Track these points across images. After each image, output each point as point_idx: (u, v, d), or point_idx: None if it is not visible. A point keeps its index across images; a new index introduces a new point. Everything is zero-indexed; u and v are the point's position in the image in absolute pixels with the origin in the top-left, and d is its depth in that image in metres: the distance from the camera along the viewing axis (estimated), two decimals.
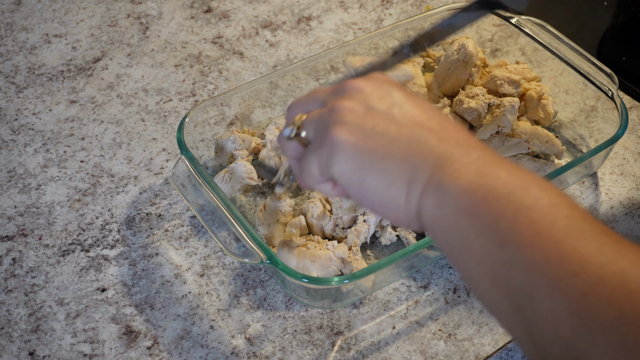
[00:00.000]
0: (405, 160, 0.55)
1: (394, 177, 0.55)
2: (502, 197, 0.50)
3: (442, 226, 0.53)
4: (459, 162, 0.53)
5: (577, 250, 0.46)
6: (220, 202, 0.80)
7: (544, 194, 0.50)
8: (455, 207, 0.52)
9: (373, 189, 0.56)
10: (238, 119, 0.96)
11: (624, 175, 0.94)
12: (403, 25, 1.03)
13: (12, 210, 0.91)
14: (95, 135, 1.00)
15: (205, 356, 0.78)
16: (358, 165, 0.56)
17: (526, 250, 0.47)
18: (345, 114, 0.57)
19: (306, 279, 0.75)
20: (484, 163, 0.53)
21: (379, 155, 0.56)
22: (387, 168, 0.55)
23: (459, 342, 0.79)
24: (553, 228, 0.47)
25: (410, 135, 0.56)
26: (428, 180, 0.54)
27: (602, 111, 0.95)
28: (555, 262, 0.46)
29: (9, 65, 1.10)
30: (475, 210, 0.50)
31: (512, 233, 0.48)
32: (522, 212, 0.49)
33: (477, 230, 0.50)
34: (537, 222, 0.48)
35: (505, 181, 0.51)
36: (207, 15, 1.18)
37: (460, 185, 0.52)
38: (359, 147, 0.56)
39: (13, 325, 0.80)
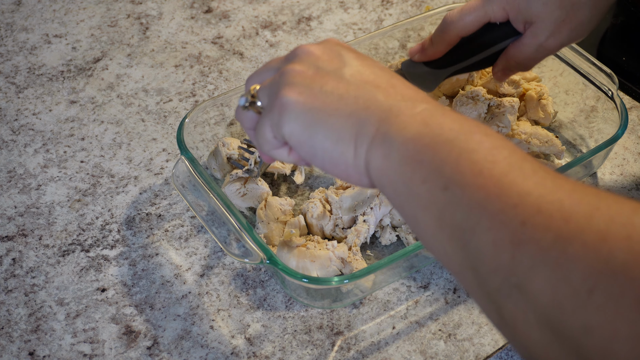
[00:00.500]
0: (352, 115, 0.56)
1: (341, 134, 0.56)
2: (446, 142, 0.51)
3: (389, 176, 0.54)
4: (404, 114, 0.55)
5: (517, 184, 0.48)
6: (220, 202, 0.80)
7: (486, 138, 0.51)
8: (401, 156, 0.53)
9: (322, 147, 0.57)
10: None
11: (624, 175, 0.94)
12: (403, 25, 1.03)
13: (12, 210, 0.91)
14: (95, 136, 1.00)
15: (205, 356, 0.78)
16: (307, 123, 0.57)
17: (468, 190, 0.49)
18: (294, 76, 0.59)
19: (306, 279, 0.75)
20: (430, 114, 0.54)
21: (326, 113, 0.57)
22: (334, 125, 0.56)
23: (459, 342, 0.79)
24: (494, 167, 0.49)
25: (357, 92, 0.57)
26: (375, 133, 0.55)
27: (602, 111, 0.95)
28: (495, 196, 0.47)
29: (9, 66, 1.10)
30: (419, 158, 0.52)
31: (455, 175, 0.50)
32: (465, 155, 0.50)
33: (422, 176, 0.52)
34: (478, 162, 0.50)
35: (449, 128, 0.53)
36: (207, 15, 1.18)
37: (406, 135, 0.53)
38: (307, 106, 0.57)
39: (13, 325, 0.80)
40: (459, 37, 0.84)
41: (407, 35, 1.08)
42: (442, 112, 0.55)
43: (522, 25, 0.82)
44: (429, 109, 0.55)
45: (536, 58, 0.84)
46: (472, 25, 0.83)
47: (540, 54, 0.83)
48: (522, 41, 0.83)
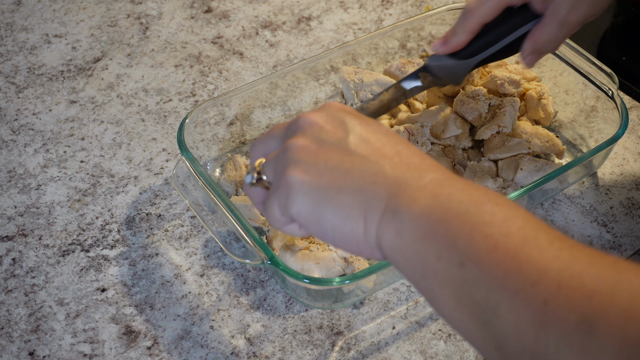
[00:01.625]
0: (359, 191, 0.55)
1: (349, 210, 0.55)
2: (457, 216, 0.50)
3: (403, 253, 0.53)
4: (412, 187, 0.53)
5: (534, 259, 0.47)
6: (221, 202, 0.80)
7: (498, 208, 0.50)
8: (413, 232, 0.52)
9: (331, 225, 0.56)
10: (238, 119, 0.96)
11: (624, 175, 0.94)
12: (403, 25, 1.03)
13: (12, 210, 0.91)
14: (95, 136, 1.00)
15: (205, 356, 0.78)
16: (314, 202, 0.56)
17: (485, 266, 0.48)
18: (297, 153, 0.57)
19: (307, 279, 0.75)
20: (438, 184, 0.53)
21: (334, 190, 0.55)
22: (342, 202, 0.55)
23: (459, 342, 0.79)
24: (508, 241, 0.48)
25: (363, 165, 0.56)
26: (384, 209, 0.54)
27: (602, 111, 0.95)
28: (514, 273, 0.46)
29: (9, 66, 1.10)
30: (432, 234, 0.51)
31: (470, 250, 0.49)
32: (477, 229, 0.49)
33: (436, 252, 0.50)
34: (492, 236, 0.49)
35: (459, 200, 0.51)
36: (207, 15, 1.18)
37: (416, 210, 0.52)
38: (313, 185, 0.56)
39: (13, 325, 0.80)
40: (480, 24, 0.83)
41: (407, 35, 1.08)
42: (451, 181, 0.54)
43: (542, 5, 0.81)
44: (437, 179, 0.54)
45: (559, 36, 0.83)
46: (492, 10, 0.82)
47: (563, 32, 0.82)
48: (544, 21, 0.82)
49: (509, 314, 0.46)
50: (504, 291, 0.47)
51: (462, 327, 0.50)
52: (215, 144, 0.95)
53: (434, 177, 0.54)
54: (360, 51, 1.02)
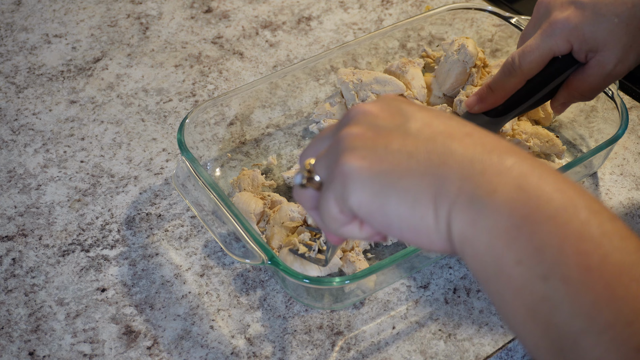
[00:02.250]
0: (427, 174, 0.48)
1: (417, 195, 0.48)
2: (548, 220, 0.44)
3: (475, 247, 0.46)
4: (491, 171, 0.46)
5: (632, 294, 0.42)
6: (221, 202, 0.80)
7: (594, 217, 0.44)
8: (490, 227, 0.45)
9: (397, 214, 0.49)
10: (238, 119, 0.96)
11: (624, 175, 0.94)
12: (403, 25, 1.03)
13: (12, 210, 0.91)
14: (95, 136, 1.00)
15: (205, 356, 0.77)
16: (376, 190, 0.49)
17: (573, 287, 0.42)
18: (352, 140, 0.51)
19: (307, 279, 0.75)
20: (523, 172, 0.46)
21: (397, 175, 0.48)
22: (407, 187, 0.48)
23: (459, 342, 0.79)
24: (604, 264, 0.43)
25: (429, 146, 0.49)
26: (457, 193, 0.47)
27: (602, 111, 0.95)
28: (606, 306, 0.41)
29: (9, 66, 1.10)
30: (514, 234, 0.44)
31: (558, 265, 0.43)
32: (570, 242, 0.43)
33: (517, 256, 0.44)
34: (587, 254, 0.43)
35: (549, 198, 0.45)
36: (207, 15, 1.18)
37: (497, 200, 0.45)
38: (373, 170, 0.49)
39: (13, 325, 0.80)
40: (525, 80, 0.80)
41: (407, 35, 1.08)
42: (537, 171, 0.47)
43: (584, 55, 0.78)
44: (520, 165, 0.47)
45: (601, 87, 0.80)
46: (538, 64, 0.79)
47: (606, 82, 0.80)
48: (587, 72, 0.79)
49: (592, 350, 0.42)
50: (591, 323, 0.42)
51: (530, 342, 0.45)
52: (215, 144, 0.95)
53: (516, 161, 0.47)
54: (360, 51, 1.02)
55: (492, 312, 0.81)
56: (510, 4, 1.22)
